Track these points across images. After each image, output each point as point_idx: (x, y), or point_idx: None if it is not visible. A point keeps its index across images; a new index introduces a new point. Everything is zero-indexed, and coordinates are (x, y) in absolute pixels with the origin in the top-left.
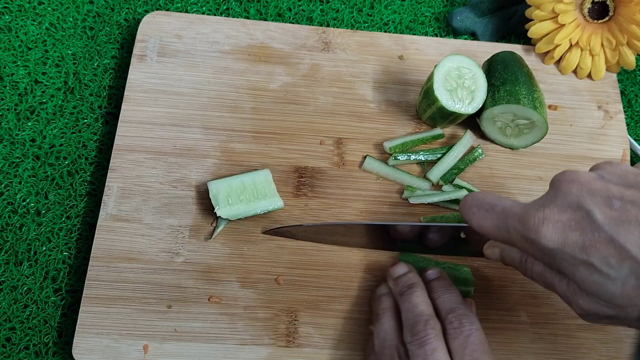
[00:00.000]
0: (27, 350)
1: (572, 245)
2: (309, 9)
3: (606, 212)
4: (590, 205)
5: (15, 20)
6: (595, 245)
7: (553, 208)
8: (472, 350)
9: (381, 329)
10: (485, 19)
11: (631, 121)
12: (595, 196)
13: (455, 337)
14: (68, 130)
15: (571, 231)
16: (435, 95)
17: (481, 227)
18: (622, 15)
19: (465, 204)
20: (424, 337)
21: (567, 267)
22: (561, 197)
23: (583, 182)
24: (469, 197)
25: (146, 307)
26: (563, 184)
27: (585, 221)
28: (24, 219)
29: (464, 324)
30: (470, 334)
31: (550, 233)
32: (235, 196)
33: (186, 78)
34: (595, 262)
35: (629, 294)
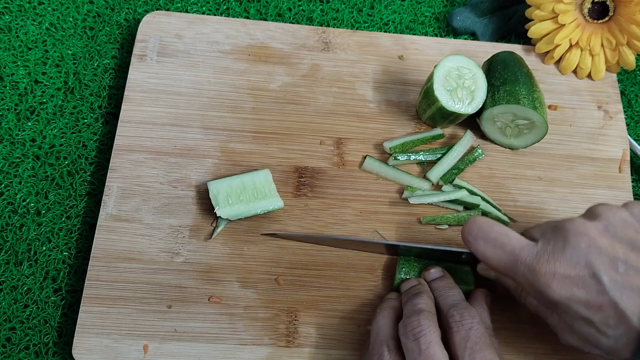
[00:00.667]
0: (27, 350)
1: (577, 302)
2: (309, 9)
3: (612, 275)
4: (597, 266)
5: (15, 20)
6: (600, 307)
7: (562, 262)
8: (474, 342)
9: (376, 325)
10: (485, 19)
11: (631, 121)
12: (602, 255)
13: (457, 330)
14: (68, 130)
15: (578, 288)
16: (435, 95)
17: (487, 260)
18: (622, 15)
19: (471, 233)
20: (417, 327)
21: (567, 316)
22: (570, 249)
23: (592, 237)
24: (474, 227)
25: (146, 307)
26: (572, 236)
27: (592, 281)
28: (24, 219)
29: (465, 317)
30: (471, 327)
31: (558, 288)
32: (235, 196)
33: (186, 78)
34: (596, 321)
35: (618, 348)
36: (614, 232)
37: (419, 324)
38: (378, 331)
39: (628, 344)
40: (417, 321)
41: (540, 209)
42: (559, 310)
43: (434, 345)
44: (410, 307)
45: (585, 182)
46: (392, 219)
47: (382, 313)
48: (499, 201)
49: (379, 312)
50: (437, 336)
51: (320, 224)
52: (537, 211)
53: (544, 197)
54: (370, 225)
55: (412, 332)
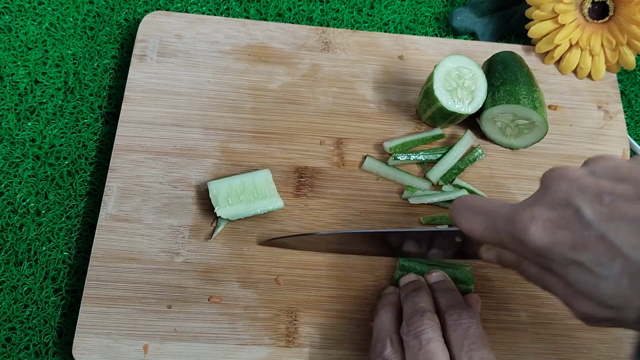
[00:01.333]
0: (27, 350)
1: (561, 245)
2: (309, 9)
3: (596, 208)
4: (579, 202)
5: (15, 20)
6: (585, 244)
7: (542, 206)
8: (472, 341)
9: (379, 320)
10: (485, 19)
11: (631, 121)
12: (585, 192)
13: (454, 329)
14: (68, 130)
15: (560, 230)
16: (435, 95)
17: (470, 230)
18: (622, 15)
19: (454, 207)
20: (420, 327)
21: (558, 267)
22: (550, 194)
23: (573, 178)
24: (457, 201)
25: (146, 307)
26: (552, 181)
27: (574, 219)
28: (24, 219)
29: (463, 317)
30: (469, 326)
31: (539, 232)
32: (235, 196)
33: (186, 78)
34: (586, 261)
35: (623, 293)
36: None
37: (422, 323)
38: (381, 326)
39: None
40: (420, 321)
41: None
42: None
43: (435, 341)
44: (411, 305)
45: None
46: (392, 219)
47: (384, 309)
48: None
49: (380, 309)
50: (438, 334)
51: (320, 224)
52: None
53: None
54: (370, 225)
55: (414, 331)
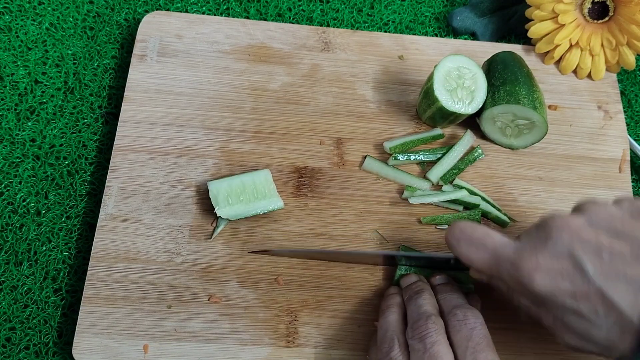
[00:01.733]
0: (27, 350)
1: (563, 294)
2: (309, 9)
3: (596, 264)
4: (581, 256)
5: (15, 20)
6: (585, 296)
7: (545, 254)
8: (476, 343)
9: (384, 321)
10: (485, 19)
11: (631, 121)
12: (585, 245)
13: (459, 329)
14: (68, 130)
15: (562, 280)
16: (435, 96)
17: (471, 262)
18: (622, 15)
19: (453, 237)
20: (424, 331)
21: (556, 311)
22: (552, 243)
23: (573, 229)
24: (456, 230)
25: (146, 307)
26: (554, 230)
27: (576, 271)
28: (24, 219)
29: (468, 317)
30: (474, 327)
31: (542, 281)
32: (235, 196)
33: (186, 78)
34: (584, 311)
35: (613, 339)
36: (598, 225)
37: (426, 327)
38: (387, 327)
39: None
40: (425, 325)
41: (540, 209)
42: (548, 305)
43: (439, 344)
44: (415, 308)
45: (585, 182)
46: (392, 219)
47: (390, 310)
48: (499, 201)
49: (385, 309)
50: (443, 337)
51: (320, 224)
52: (537, 211)
53: (544, 197)
54: (370, 225)
55: (419, 335)
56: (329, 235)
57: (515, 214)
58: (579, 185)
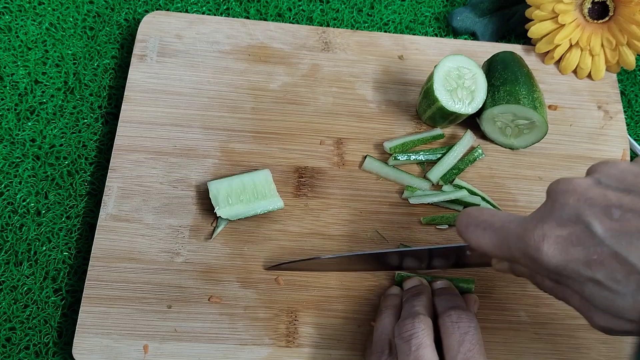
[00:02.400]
0: (27, 350)
1: (575, 262)
2: (309, 9)
3: (606, 223)
4: (589, 217)
5: (15, 20)
6: (599, 261)
7: (551, 222)
8: (468, 349)
9: (380, 323)
10: (485, 19)
11: (631, 121)
12: (593, 206)
13: (452, 332)
14: (68, 130)
15: (573, 247)
16: (435, 96)
17: (480, 246)
18: (622, 15)
19: (461, 223)
20: (410, 330)
21: (573, 283)
22: (558, 209)
23: (579, 191)
24: (463, 216)
25: (146, 307)
26: (559, 195)
27: (585, 235)
28: (24, 219)
29: (462, 319)
30: (467, 331)
31: (551, 250)
32: (235, 196)
33: (186, 78)
34: (601, 278)
35: None
36: (607, 183)
37: (413, 326)
38: (382, 330)
39: None
40: (411, 324)
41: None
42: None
43: (425, 347)
44: (408, 308)
45: None
46: (392, 219)
47: (386, 312)
48: (499, 201)
49: (383, 311)
50: (429, 339)
51: (320, 224)
52: None
53: (544, 197)
54: (370, 225)
55: (405, 334)
56: (329, 235)
57: (515, 213)
58: None
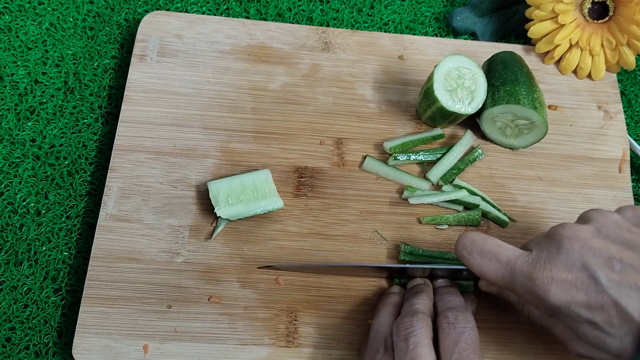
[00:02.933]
0: (27, 350)
1: (578, 304)
2: (309, 9)
3: (608, 274)
4: (594, 266)
5: (15, 20)
6: (600, 307)
7: (559, 266)
8: (463, 348)
9: (377, 321)
10: (485, 19)
11: (631, 121)
12: (597, 256)
13: (448, 332)
14: (68, 130)
15: (577, 291)
16: (435, 96)
17: (483, 274)
18: (622, 15)
19: (464, 248)
20: (409, 328)
21: (570, 322)
22: (564, 254)
23: (584, 239)
24: (467, 241)
25: (146, 307)
26: (565, 240)
27: (590, 282)
28: (24, 219)
29: (459, 320)
30: (463, 332)
31: (558, 293)
32: (235, 196)
33: (186, 78)
34: (599, 322)
35: (626, 347)
36: (606, 234)
37: (411, 324)
38: (378, 327)
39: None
40: (410, 322)
41: (540, 209)
42: (562, 316)
43: (422, 346)
44: (408, 306)
45: (585, 182)
46: (392, 219)
47: (384, 309)
48: (499, 201)
49: (381, 308)
50: (427, 337)
51: (320, 224)
52: (537, 211)
53: (544, 197)
54: (370, 225)
55: (404, 332)
56: (329, 235)
57: (515, 214)
58: (579, 185)
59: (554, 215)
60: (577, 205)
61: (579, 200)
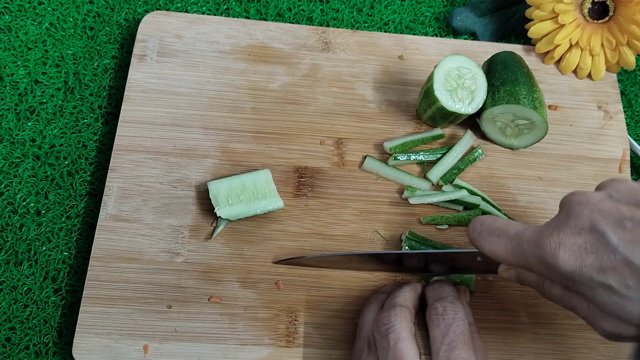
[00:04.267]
0: (27, 350)
1: (589, 268)
2: (309, 9)
3: (619, 233)
4: (603, 227)
5: (15, 20)
6: (613, 267)
7: (567, 231)
8: (451, 339)
9: (362, 319)
10: (485, 19)
11: (631, 121)
12: (607, 217)
13: (437, 324)
14: (68, 130)
15: (587, 254)
16: (435, 96)
17: (494, 253)
18: (622, 15)
19: (474, 229)
20: (387, 323)
21: (585, 289)
22: (573, 219)
23: (593, 203)
24: (477, 223)
25: (146, 307)
26: (574, 206)
27: (600, 243)
28: (24, 219)
29: (447, 311)
30: (452, 323)
31: (567, 257)
32: (235, 196)
33: (186, 78)
34: (614, 284)
35: None
36: (618, 197)
37: (389, 319)
38: (362, 326)
39: None
40: (388, 317)
41: (540, 209)
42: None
43: (403, 340)
44: (388, 300)
45: (585, 182)
46: (392, 219)
47: (368, 307)
48: (499, 201)
49: (365, 306)
50: (407, 331)
51: (320, 224)
52: (537, 211)
53: (544, 197)
54: (370, 225)
55: (383, 327)
56: (329, 235)
57: (515, 214)
58: (579, 185)
59: (554, 215)
60: None
61: None
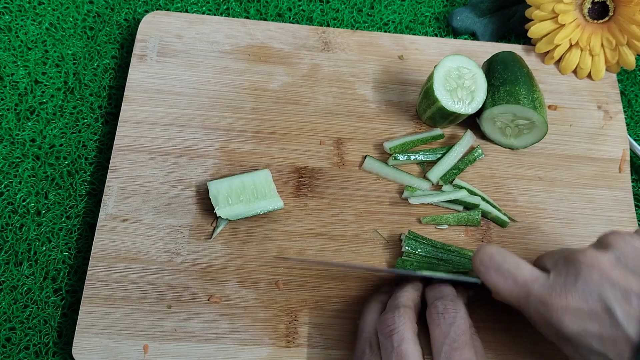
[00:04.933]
0: (27, 350)
1: (590, 335)
2: (309, 9)
3: (625, 308)
4: (610, 299)
5: (15, 20)
6: (612, 340)
7: (575, 295)
8: (452, 340)
9: (363, 320)
10: (485, 19)
11: (631, 121)
12: (614, 288)
13: (438, 323)
14: (68, 130)
15: (591, 322)
16: (435, 96)
17: (497, 290)
18: (622, 15)
19: (482, 262)
20: (391, 324)
21: (582, 350)
22: (582, 282)
23: (602, 268)
24: (484, 256)
25: (146, 307)
26: (583, 268)
27: (605, 315)
28: (24, 219)
29: (448, 310)
30: (453, 322)
31: (571, 322)
32: (235, 196)
33: (186, 78)
34: (610, 354)
35: None
36: (626, 263)
37: (393, 320)
38: (363, 327)
39: None
40: (392, 318)
41: (540, 209)
42: (573, 343)
43: (407, 342)
44: (391, 301)
45: (585, 182)
46: (392, 219)
47: (369, 307)
48: (499, 201)
49: (366, 307)
50: (410, 332)
51: (320, 224)
52: (537, 211)
53: (544, 197)
54: (370, 225)
55: (387, 329)
56: (329, 235)
57: (515, 214)
58: (579, 185)
59: (554, 215)
60: (577, 205)
61: (579, 200)
